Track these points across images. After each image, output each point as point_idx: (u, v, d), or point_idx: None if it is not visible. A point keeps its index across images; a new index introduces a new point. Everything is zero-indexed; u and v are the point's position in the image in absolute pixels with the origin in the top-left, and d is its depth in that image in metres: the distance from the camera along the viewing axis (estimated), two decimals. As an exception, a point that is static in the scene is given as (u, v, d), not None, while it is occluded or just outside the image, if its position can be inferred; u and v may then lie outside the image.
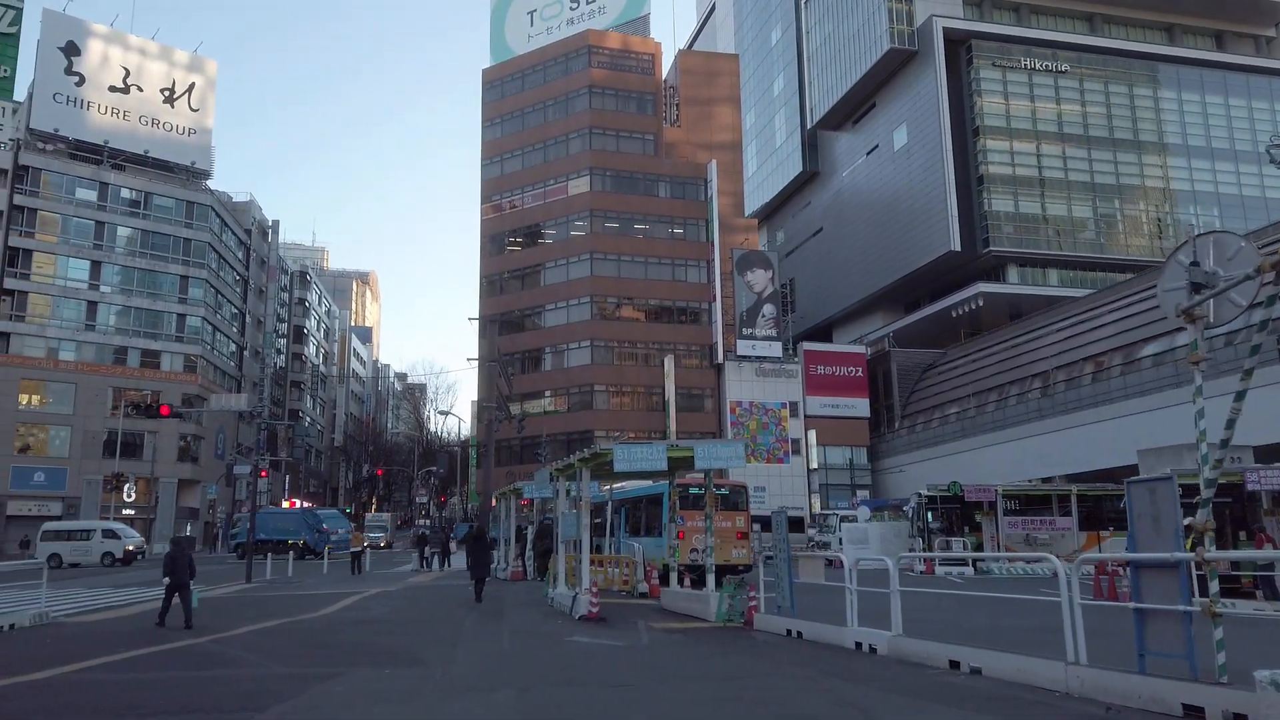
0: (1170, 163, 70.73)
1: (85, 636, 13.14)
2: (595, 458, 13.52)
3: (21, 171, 57.90)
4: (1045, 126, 70.48)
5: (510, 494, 25.04)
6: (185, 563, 13.94)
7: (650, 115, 66.61)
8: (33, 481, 54.60)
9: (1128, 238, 70.15)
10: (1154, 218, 70.17)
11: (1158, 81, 71.91)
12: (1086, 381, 47.31)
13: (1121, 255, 67.54)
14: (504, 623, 14.00)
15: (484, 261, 67.99)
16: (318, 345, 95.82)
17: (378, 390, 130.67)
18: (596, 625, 13.15)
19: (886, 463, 64.06)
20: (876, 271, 73.87)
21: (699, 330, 64.11)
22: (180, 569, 13.86)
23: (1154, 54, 72.35)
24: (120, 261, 60.96)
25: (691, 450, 12.96)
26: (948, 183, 66.38)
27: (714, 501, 14.69)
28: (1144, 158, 70.62)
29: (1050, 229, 69.08)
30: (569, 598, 14.77)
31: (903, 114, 72.27)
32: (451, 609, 16.50)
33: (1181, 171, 70.86)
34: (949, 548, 25.90)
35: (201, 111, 67.25)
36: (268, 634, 12.91)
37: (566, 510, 16.12)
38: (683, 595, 15.44)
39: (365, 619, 14.92)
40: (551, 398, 63.28)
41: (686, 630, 12.73)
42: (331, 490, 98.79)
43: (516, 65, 69.41)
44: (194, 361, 62.11)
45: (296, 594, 21.04)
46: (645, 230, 64.61)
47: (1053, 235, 69.07)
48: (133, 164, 63.35)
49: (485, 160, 69.35)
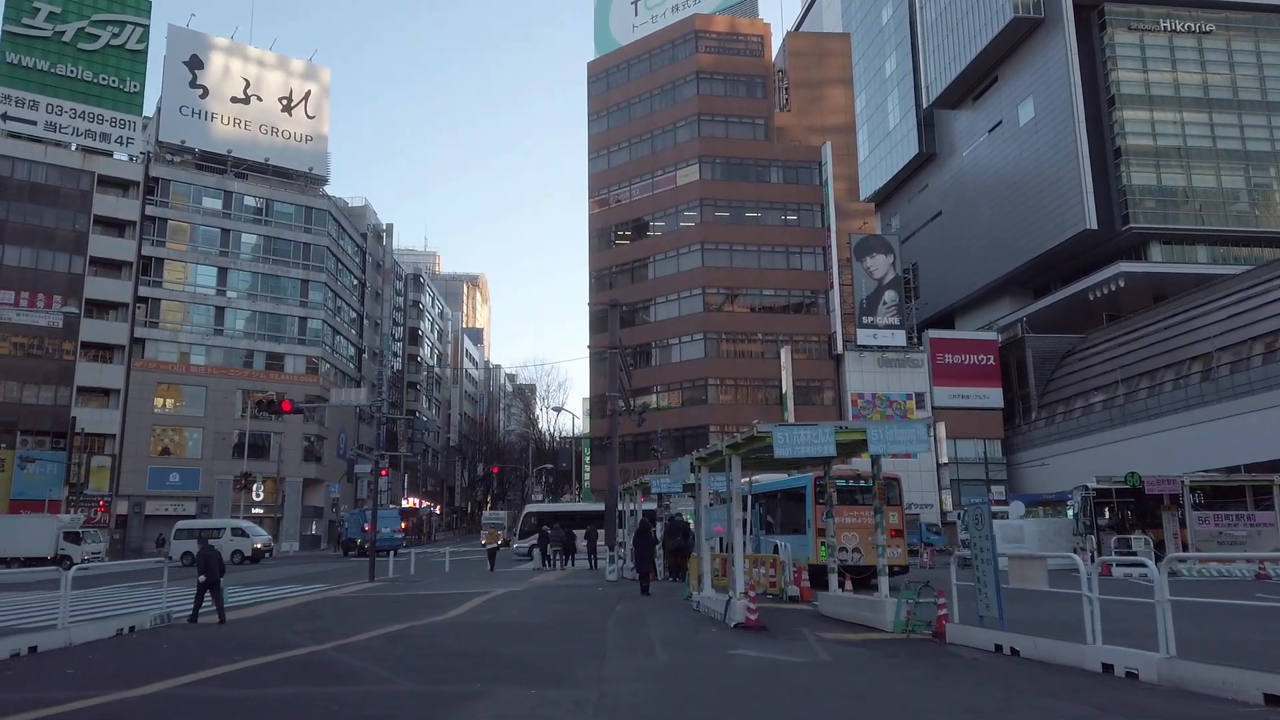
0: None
1: (203, 640, 12.26)
2: (750, 443, 11.81)
3: (152, 183, 60.12)
4: (1189, 93, 64.86)
5: (635, 489, 23.63)
6: (216, 560, 14.56)
7: (760, 98, 64.38)
8: (168, 482, 56.53)
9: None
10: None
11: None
12: (1257, 363, 42.85)
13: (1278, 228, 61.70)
14: (649, 629, 12.46)
15: (593, 257, 67.13)
16: (432, 346, 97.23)
17: (489, 391, 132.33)
18: (757, 635, 11.45)
19: (1023, 456, 60.17)
20: (1002, 255, 69.59)
21: (816, 320, 61.56)
22: (211, 567, 14.39)
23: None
24: (245, 267, 62.68)
25: (864, 432, 11.12)
26: (1081, 157, 61.80)
27: (881, 493, 12.80)
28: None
29: (1197, 202, 63.55)
30: (719, 602, 13.13)
31: (1029, 87, 67.80)
32: (587, 612, 15.11)
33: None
34: (1127, 546, 23.09)
35: (317, 118, 68.65)
36: (393, 640, 11.73)
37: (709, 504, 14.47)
38: (845, 600, 13.58)
39: (496, 623, 13.64)
40: (664, 393, 61.85)
41: (865, 643, 10.90)
42: (448, 489, 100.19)
43: (621, 56, 68.27)
44: (315, 363, 63.37)
45: (420, 594, 20.11)
46: (757, 218, 62.44)
47: (1200, 209, 63.51)
48: (254, 172, 65.10)
49: (592, 154, 68.47)
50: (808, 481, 19.44)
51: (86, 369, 55.73)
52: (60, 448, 52.96)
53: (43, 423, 53.93)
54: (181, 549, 40.96)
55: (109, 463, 55.19)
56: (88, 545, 40.44)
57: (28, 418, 53.63)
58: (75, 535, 40.21)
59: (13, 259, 54.72)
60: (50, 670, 9.86)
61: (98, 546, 43.01)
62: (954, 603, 10.74)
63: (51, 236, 56.07)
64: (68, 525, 41.07)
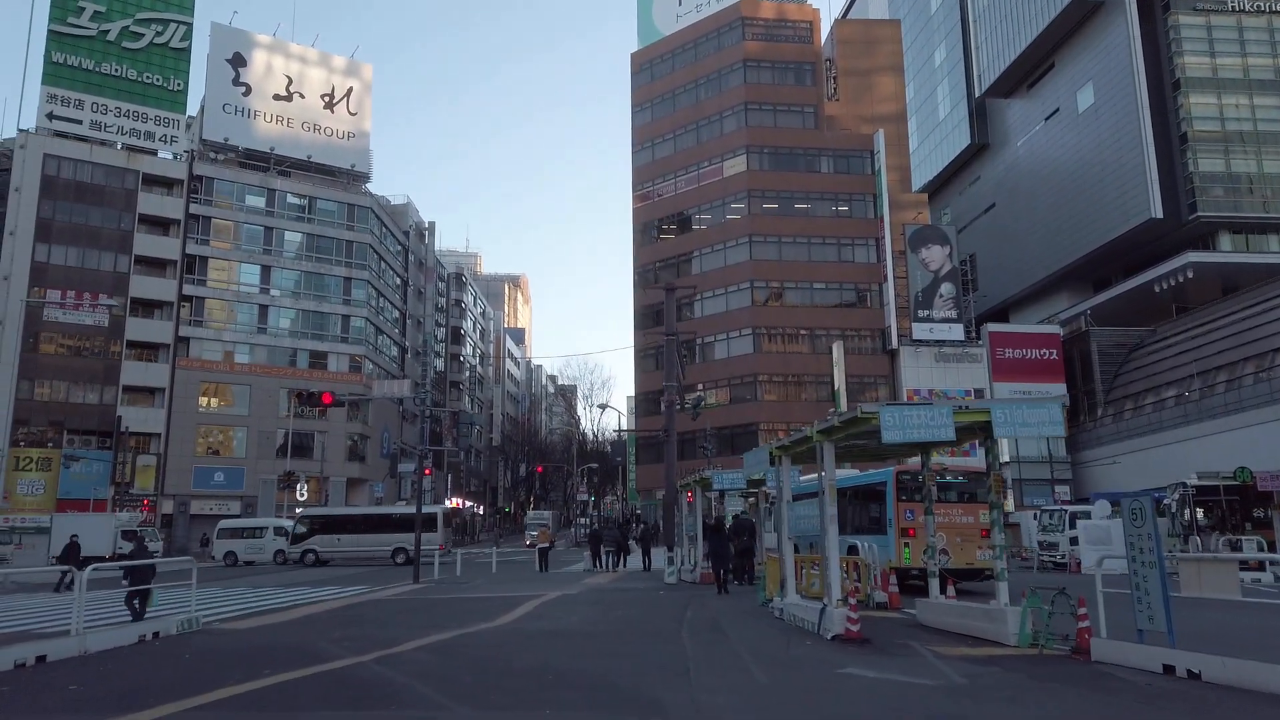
0: None
1: (232, 650, 10.96)
2: (848, 426, 10.20)
3: (195, 181, 59.90)
4: (1260, 75, 61.64)
5: (696, 485, 22.09)
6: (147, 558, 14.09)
7: (810, 86, 62.43)
8: (213, 481, 56.18)
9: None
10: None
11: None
12: (1351, 354, 40.07)
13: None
14: (731, 640, 10.91)
15: (637, 252, 65.68)
16: (474, 346, 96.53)
17: (531, 392, 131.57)
18: (862, 649, 9.86)
19: (1088, 454, 57.48)
20: (1060, 247, 66.89)
21: (869, 314, 59.46)
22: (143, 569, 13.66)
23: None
24: (288, 265, 62.25)
25: (988, 413, 9.46)
26: (1145, 144, 58.98)
27: (998, 485, 11.11)
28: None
29: (1267, 189, 60.43)
30: (809, 610, 11.53)
31: (1088, 72, 65.03)
32: (655, 618, 13.61)
33: None
34: (1237, 548, 21.04)
35: (359, 115, 68.11)
36: (442, 652, 10.31)
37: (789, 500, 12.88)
38: (951, 608, 11.89)
39: (554, 630, 12.19)
40: (711, 390, 60.15)
41: (991, 659, 9.25)
42: (490, 489, 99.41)
43: (666, 45, 66.72)
44: (359, 362, 62.76)
45: (467, 597, 18.77)
46: (807, 209, 60.50)
47: (1270, 196, 60.37)
48: (296, 169, 64.69)
49: (636, 147, 67.02)
50: (889, 476, 17.75)
51: (132, 368, 55.55)
52: (106, 447, 52.79)
53: (89, 422, 53.81)
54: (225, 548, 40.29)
55: (154, 462, 54.94)
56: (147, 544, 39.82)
57: (74, 417, 53.55)
58: (134, 534, 39.75)
59: (59, 258, 54.68)
60: (52, 684, 8.60)
61: (156, 545, 42.53)
62: (1099, 613, 9.04)
63: (97, 235, 55.98)
64: (125, 524, 40.58)
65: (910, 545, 17.57)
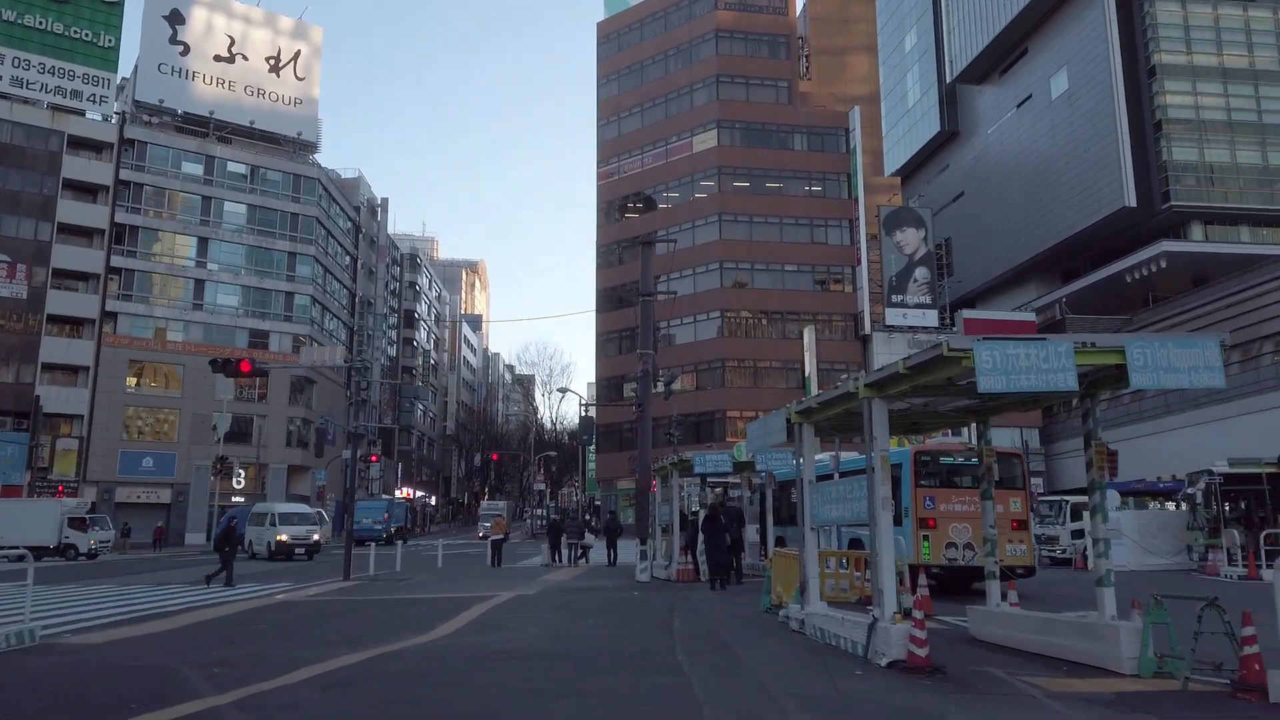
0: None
1: (56, 677, 7.94)
2: (921, 372, 7.42)
3: (127, 145, 55.66)
4: (1234, 64, 60.57)
5: (672, 469, 19.33)
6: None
7: (784, 59, 59.86)
8: (141, 467, 52.21)
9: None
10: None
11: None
12: (1343, 342, 38.61)
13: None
14: (748, 667, 8.10)
15: (600, 231, 62.73)
16: (428, 331, 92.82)
17: (488, 380, 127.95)
18: (937, 683, 7.11)
19: (1063, 446, 55.98)
20: (1030, 236, 65.38)
21: (842, 298, 57.18)
22: None
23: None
24: (227, 238, 58.29)
25: (1122, 352, 6.78)
26: (1120, 131, 57.56)
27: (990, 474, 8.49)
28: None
29: (1240, 180, 59.40)
30: (849, 625, 8.75)
31: (1062, 58, 63.45)
32: (636, 630, 10.80)
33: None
34: (1278, 543, 18.79)
35: (307, 81, 64.15)
36: (341, 687, 7.36)
37: (813, 480, 10.10)
38: (1023, 620, 9.21)
39: (504, 650, 9.28)
40: (677, 375, 57.46)
41: (1128, 699, 6.60)
42: (444, 480, 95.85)
43: (635, 14, 63.69)
44: (303, 342, 58.92)
45: (403, 598, 15.81)
46: (779, 188, 57.97)
47: (1245, 186, 59.35)
48: (238, 136, 60.66)
49: (601, 121, 63.97)
50: (905, 458, 15.11)
51: (53, 344, 51.27)
52: (23, 428, 48.55)
53: (3, 402, 49.53)
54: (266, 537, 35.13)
55: (76, 446, 50.80)
56: (96, 533, 36.40)
57: (-14, 396, 49.27)
58: (82, 522, 36.10)
59: (-28, 223, 50.27)
60: None
61: (107, 535, 38.88)
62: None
63: (16, 200, 51.52)
64: (72, 510, 36.97)
65: (930, 538, 14.96)
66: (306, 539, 31.64)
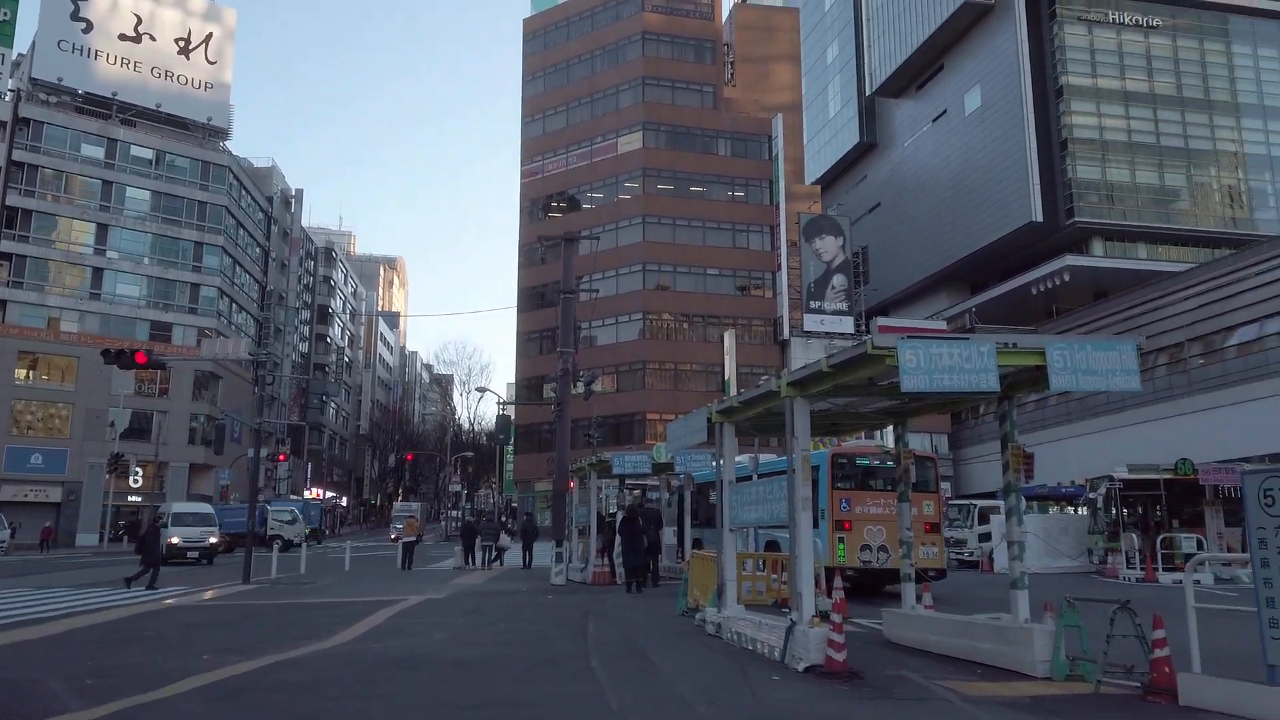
0: (1271, 126, 63.73)
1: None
2: (845, 371, 7.26)
3: (22, 125, 52.65)
4: (1135, 88, 63.47)
5: (590, 470, 19.01)
6: None
7: (710, 64, 60.23)
8: (29, 464, 49.33)
9: (1226, 207, 63.16)
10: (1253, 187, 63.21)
11: (1257, 38, 64.71)
12: (1232, 354, 40.62)
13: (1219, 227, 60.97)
14: (664, 674, 7.85)
15: (523, 229, 62.01)
16: (343, 328, 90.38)
17: (405, 379, 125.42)
18: (854, 689, 6.98)
19: (969, 452, 57.59)
20: (941, 248, 67.33)
21: (762, 303, 57.76)
22: None
23: (1258, 9, 65.10)
24: (130, 225, 55.63)
25: (1042, 353, 6.77)
26: (1029, 148, 59.72)
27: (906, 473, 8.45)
28: (1244, 121, 63.49)
29: (1140, 198, 62.29)
30: (767, 629, 8.58)
31: (976, 75, 65.46)
32: (549, 635, 10.46)
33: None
34: (1174, 547, 19.50)
35: (219, 64, 61.74)
36: (226, 701, 6.84)
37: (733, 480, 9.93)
38: (938, 623, 9.20)
39: (407, 657, 8.84)
40: (598, 376, 57.22)
41: (1044, 702, 6.57)
42: (356, 480, 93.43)
43: (561, 13, 63.20)
44: (208, 335, 56.60)
45: (305, 602, 15.11)
46: (703, 192, 58.28)
47: (1140, 205, 62.25)
48: (144, 119, 57.98)
49: (526, 119, 63.28)
50: (823, 460, 15.14)
51: (-68, 332, 48.17)
52: (-104, 422, 45.45)
53: (-125, 392, 46.29)
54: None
55: (-44, 440, 47.78)
56: None
57: None
58: None
59: None
60: None
61: (3, 534, 36.21)
62: (1192, 638, 6.44)
63: (-106, 178, 48.28)
64: None
65: (845, 541, 15.00)
66: (201, 542, 29.90)
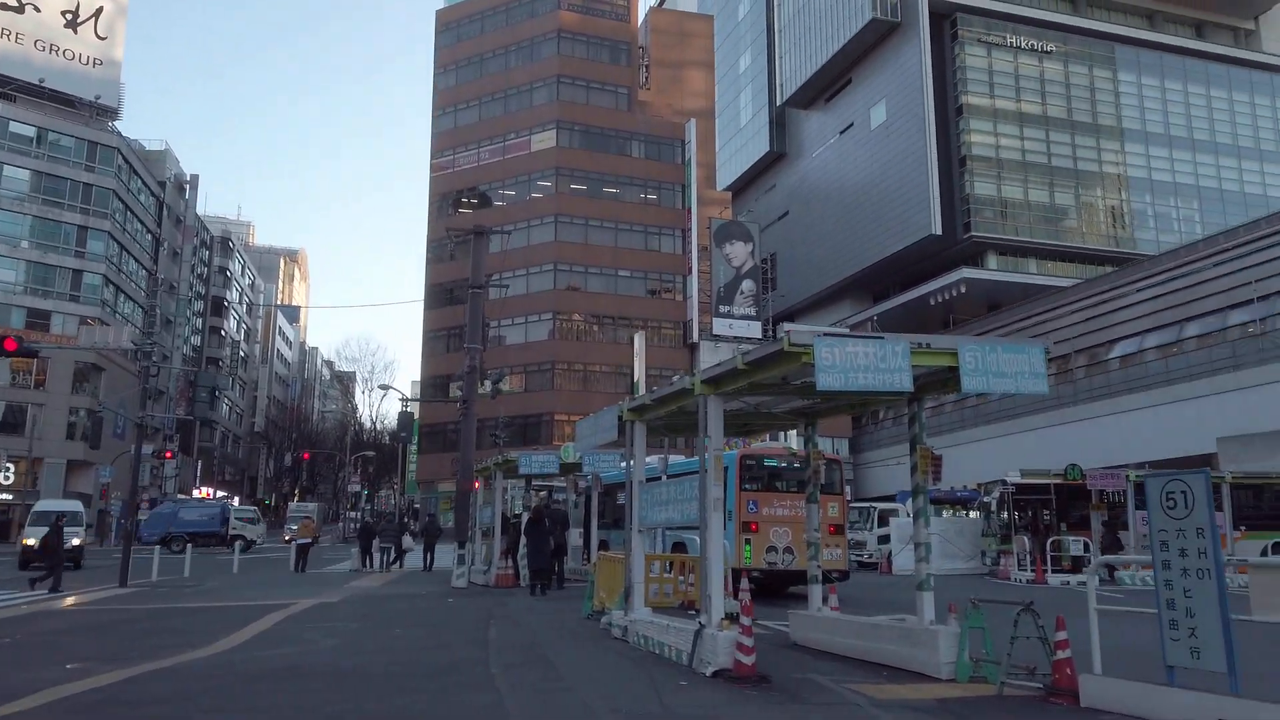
0: (1152, 151, 67.54)
1: None
2: (762, 368, 7.10)
3: (-116, 92, 48.85)
4: (1030, 109, 66.39)
5: (496, 470, 18.53)
6: None
7: (624, 66, 60.12)
8: (-117, 459, 45.65)
9: (1110, 226, 66.62)
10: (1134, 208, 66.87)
11: (1141, 67, 68.52)
12: (1115, 366, 42.67)
13: (1103, 246, 64.33)
14: (567, 681, 7.55)
15: (432, 224, 60.64)
16: (239, 321, 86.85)
17: (304, 375, 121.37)
18: (763, 693, 6.82)
19: (870, 456, 59.02)
20: (845, 258, 69.13)
21: (672, 305, 57.94)
22: None
23: (1141, 40, 68.99)
24: (6, 206, 52.17)
25: (954, 354, 6.75)
26: (930, 164, 61.84)
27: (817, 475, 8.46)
28: (1128, 145, 67.11)
29: (1032, 215, 65.17)
30: (675, 633, 8.37)
31: (882, 90, 67.41)
32: (446, 641, 10.01)
33: (1162, 162, 67.93)
34: (1062, 549, 20.19)
35: (110, 41, 58.51)
36: (89, 714, 6.23)
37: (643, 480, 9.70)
38: (844, 625, 9.16)
39: (293, 666, 8.30)
40: (507, 375, 56.39)
41: (950, 705, 6.52)
42: (250, 479, 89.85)
43: (477, 5, 62.06)
44: (90, 324, 53.42)
45: (186, 607, 14.23)
46: (616, 194, 58.10)
47: (1034, 221, 65.14)
48: (25, 94, 54.46)
49: (438, 111, 61.95)
50: (732, 460, 15.09)
51: None
52: None
53: None
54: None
55: None
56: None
57: None
58: None
59: None
60: None
61: None
62: (1094, 639, 6.49)
63: None
64: None
65: (752, 542, 14.98)
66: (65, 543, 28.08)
